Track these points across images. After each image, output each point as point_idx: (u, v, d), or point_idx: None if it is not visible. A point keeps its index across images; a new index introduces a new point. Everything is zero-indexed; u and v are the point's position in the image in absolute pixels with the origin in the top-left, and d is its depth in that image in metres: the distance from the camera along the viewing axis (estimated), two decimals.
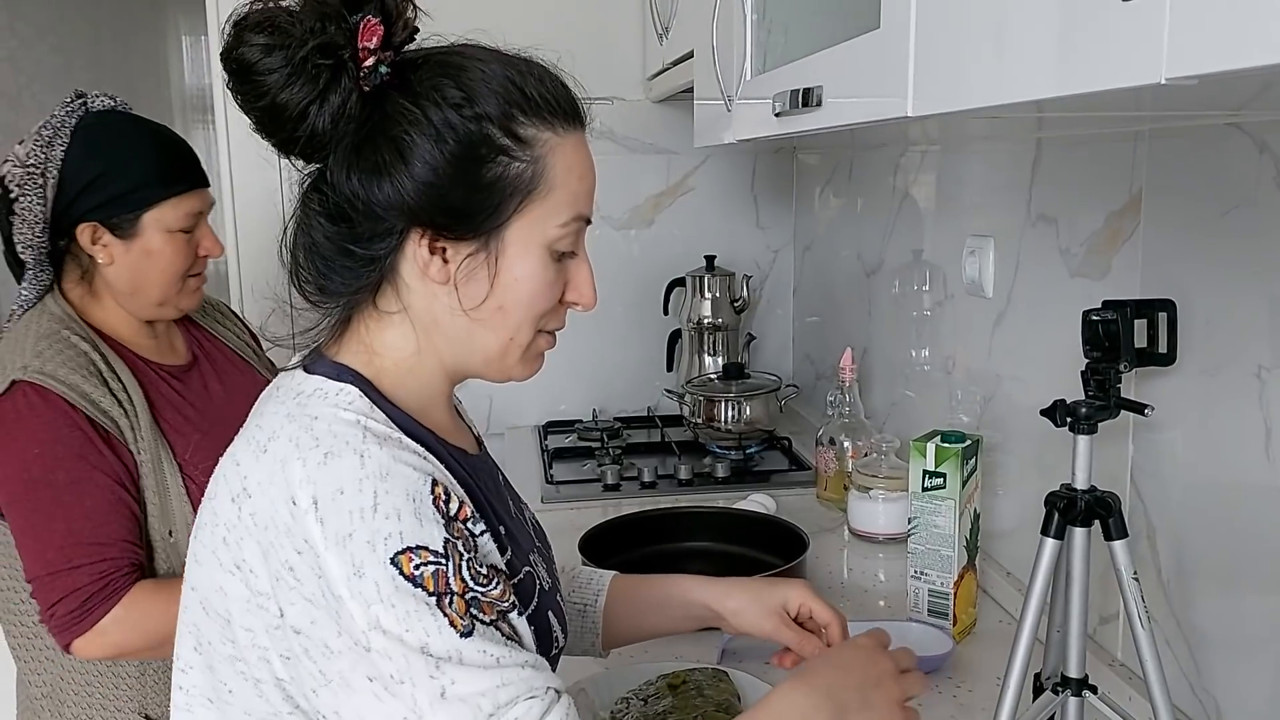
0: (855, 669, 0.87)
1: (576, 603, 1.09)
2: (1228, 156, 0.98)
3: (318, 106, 0.75)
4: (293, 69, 0.74)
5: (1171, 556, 1.09)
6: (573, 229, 0.83)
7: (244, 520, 0.74)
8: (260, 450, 0.75)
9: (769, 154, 2.46)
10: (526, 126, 0.79)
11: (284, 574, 0.72)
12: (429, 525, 0.73)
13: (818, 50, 1.04)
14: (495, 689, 0.71)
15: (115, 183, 1.26)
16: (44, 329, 1.24)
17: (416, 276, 0.81)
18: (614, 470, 1.95)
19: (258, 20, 0.74)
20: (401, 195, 0.77)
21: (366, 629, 0.70)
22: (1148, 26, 0.50)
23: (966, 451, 1.29)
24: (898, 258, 1.83)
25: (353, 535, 0.70)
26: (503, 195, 0.79)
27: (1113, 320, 0.98)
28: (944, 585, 1.31)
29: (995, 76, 0.68)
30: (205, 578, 0.77)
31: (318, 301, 0.84)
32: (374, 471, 0.72)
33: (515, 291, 0.81)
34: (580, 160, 0.83)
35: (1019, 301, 1.39)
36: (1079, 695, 0.99)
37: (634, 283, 2.43)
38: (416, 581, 0.70)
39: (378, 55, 0.76)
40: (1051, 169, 1.31)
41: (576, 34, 2.31)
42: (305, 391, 0.79)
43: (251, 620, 0.74)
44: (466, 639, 0.71)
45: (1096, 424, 0.96)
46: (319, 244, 0.81)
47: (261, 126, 0.78)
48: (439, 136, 0.77)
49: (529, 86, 0.80)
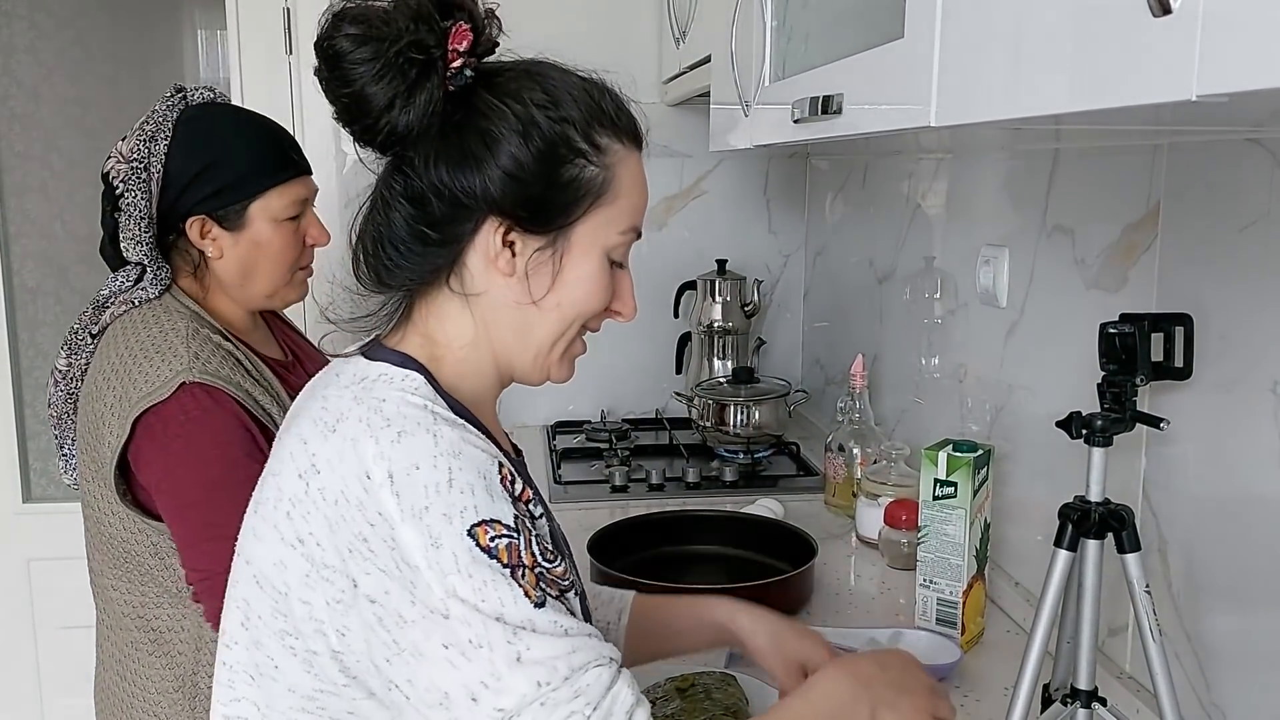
0: (894, 670, 0.90)
1: (599, 620, 1.09)
2: (1246, 171, 0.98)
3: (404, 100, 0.78)
4: (385, 63, 0.77)
5: (1182, 570, 1.09)
6: (629, 238, 0.88)
7: (311, 495, 0.76)
8: (329, 430, 0.77)
9: (782, 159, 2.46)
10: (602, 135, 0.85)
11: (357, 545, 0.73)
12: (500, 501, 0.75)
13: (839, 58, 1.04)
14: (569, 654, 0.74)
15: (221, 174, 1.25)
16: (183, 328, 1.23)
17: (483, 268, 0.84)
18: (622, 472, 1.96)
19: (355, 14, 0.78)
20: (487, 184, 0.81)
21: (444, 597, 0.72)
22: (1180, 43, 0.50)
23: (978, 461, 1.29)
24: (910, 265, 1.83)
25: (429, 508, 0.72)
26: (576, 195, 0.83)
27: (1130, 333, 0.98)
28: (953, 594, 1.31)
29: (1021, 88, 0.68)
30: (264, 552, 0.79)
31: (377, 290, 0.87)
32: (447, 449, 0.75)
33: (573, 290, 0.85)
34: (641, 177, 0.89)
35: (1033, 312, 1.39)
36: (1088, 707, 0.99)
37: (645, 285, 2.39)
38: (492, 553, 0.73)
39: (465, 59, 0.80)
40: (1068, 180, 1.31)
41: (593, 36, 2.31)
42: (370, 376, 0.82)
43: (310, 594, 0.76)
44: (539, 609, 0.74)
45: (1112, 437, 0.96)
46: (395, 228, 0.84)
47: (344, 114, 0.81)
48: (525, 132, 0.81)
49: (605, 102, 0.86)
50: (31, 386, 2.49)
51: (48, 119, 2.44)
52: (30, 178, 2.45)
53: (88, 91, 2.45)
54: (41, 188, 2.46)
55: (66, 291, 2.49)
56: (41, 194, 2.46)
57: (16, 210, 2.45)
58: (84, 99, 2.45)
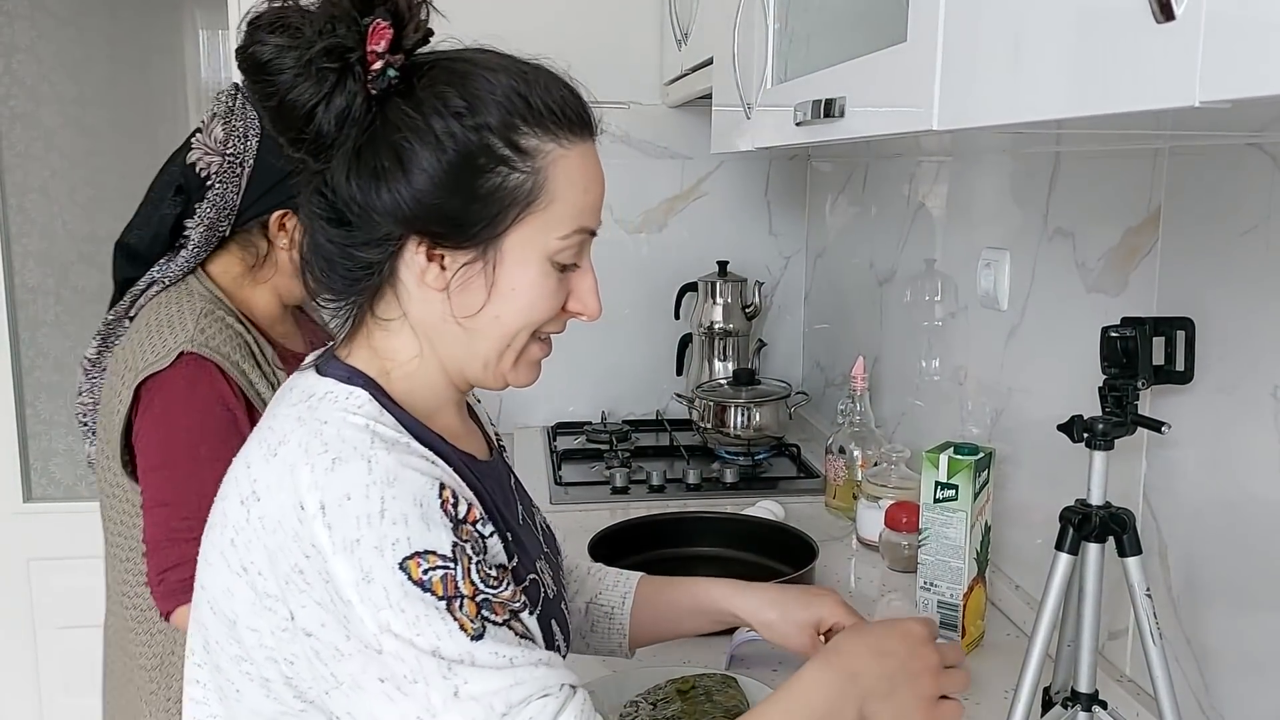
0: (891, 656, 0.85)
1: (603, 605, 1.09)
2: (1247, 176, 0.98)
3: (324, 107, 0.75)
4: (301, 69, 0.74)
5: (1182, 574, 1.09)
6: (575, 241, 0.82)
7: (252, 523, 0.74)
8: (270, 454, 0.75)
9: (783, 161, 2.46)
10: (529, 137, 0.78)
11: (294, 577, 0.72)
12: (436, 530, 0.73)
13: (841, 61, 1.04)
14: (508, 688, 0.71)
15: None
16: (199, 307, 1.27)
17: (415, 283, 0.80)
18: (622, 473, 1.96)
19: (271, 20, 0.75)
20: (398, 202, 0.77)
21: (377, 632, 0.70)
22: (1182, 49, 0.50)
23: (979, 464, 1.29)
24: (910, 267, 1.83)
25: (360, 541, 0.70)
26: (501, 206, 0.78)
27: (1131, 337, 0.98)
28: (953, 597, 1.31)
29: (1023, 93, 0.69)
30: (213, 578, 0.78)
31: (324, 302, 0.84)
32: (381, 477, 0.72)
33: (513, 301, 0.81)
34: (585, 172, 0.82)
35: (1033, 315, 1.40)
36: (1089, 710, 0.99)
37: (645, 286, 2.43)
38: (425, 586, 0.71)
39: (386, 59, 0.75)
40: (1069, 183, 1.31)
41: (594, 38, 2.32)
42: (316, 394, 0.80)
43: (258, 621, 0.75)
44: (478, 642, 0.71)
45: (1113, 440, 0.96)
46: (321, 245, 0.81)
47: (273, 124, 0.78)
48: (439, 145, 0.76)
49: (534, 96, 0.79)
50: (32, 386, 2.49)
51: (48, 118, 2.44)
52: (31, 177, 2.46)
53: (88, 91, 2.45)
54: (42, 187, 2.46)
55: (67, 291, 2.49)
56: (42, 193, 2.46)
57: (17, 209, 2.46)
58: (84, 98, 2.45)
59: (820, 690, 0.83)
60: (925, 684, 0.85)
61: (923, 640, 0.87)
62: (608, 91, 2.39)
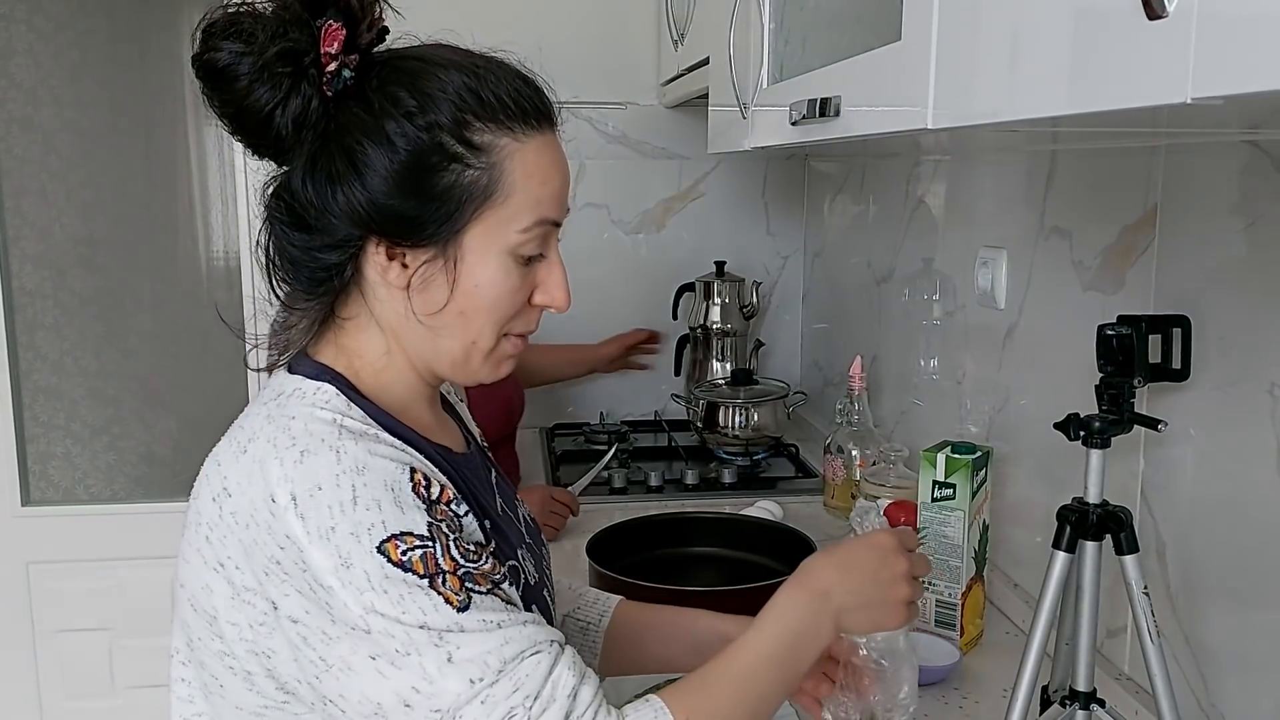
0: (859, 570, 0.87)
1: (580, 619, 1.08)
2: (1244, 173, 0.98)
3: (280, 111, 0.75)
4: (255, 74, 0.74)
5: (1180, 571, 1.09)
6: (537, 233, 0.81)
7: (225, 519, 0.75)
8: (240, 451, 0.76)
9: (781, 160, 2.46)
10: (482, 133, 0.78)
11: (272, 568, 0.73)
12: (410, 511, 0.73)
13: (836, 61, 1.05)
14: (500, 646, 0.73)
15: None
16: None
17: (379, 282, 0.81)
18: (620, 474, 1.95)
19: (225, 26, 0.75)
20: (353, 205, 0.77)
21: (363, 614, 0.71)
22: (1174, 46, 0.50)
23: (977, 463, 1.29)
24: (908, 266, 1.83)
25: (335, 529, 0.71)
26: (457, 203, 0.78)
27: (1127, 335, 0.98)
28: (952, 596, 1.31)
29: (1017, 91, 0.69)
30: (192, 575, 0.78)
31: (291, 302, 0.84)
32: (350, 466, 0.73)
33: (475, 298, 0.81)
34: (545, 164, 0.81)
35: (1031, 314, 1.40)
36: (1087, 709, 0.99)
37: (643, 287, 2.43)
38: (405, 566, 0.72)
39: (341, 59, 0.76)
40: (1065, 182, 1.31)
41: (591, 38, 2.32)
42: (285, 392, 0.81)
43: (237, 615, 0.75)
44: (464, 612, 0.73)
45: (1110, 438, 0.96)
46: (285, 249, 0.82)
47: (232, 130, 0.79)
48: (390, 145, 0.77)
49: (485, 90, 0.79)
50: (30, 389, 2.49)
51: (46, 122, 2.43)
52: (29, 180, 2.45)
53: (86, 94, 2.45)
54: (40, 190, 2.45)
55: (65, 294, 2.49)
56: (40, 197, 2.46)
57: (15, 213, 2.45)
58: (82, 102, 2.45)
59: (794, 611, 0.84)
60: (896, 590, 0.87)
61: (892, 549, 0.88)
62: (604, 91, 2.41)
